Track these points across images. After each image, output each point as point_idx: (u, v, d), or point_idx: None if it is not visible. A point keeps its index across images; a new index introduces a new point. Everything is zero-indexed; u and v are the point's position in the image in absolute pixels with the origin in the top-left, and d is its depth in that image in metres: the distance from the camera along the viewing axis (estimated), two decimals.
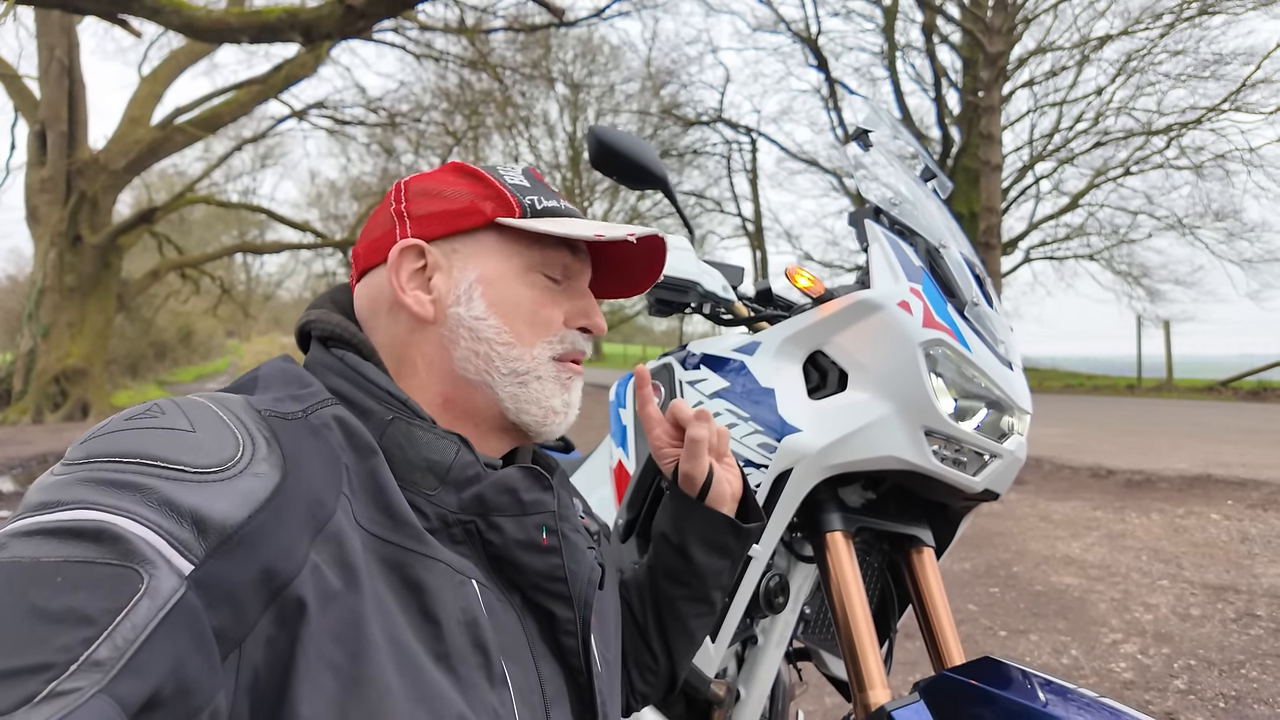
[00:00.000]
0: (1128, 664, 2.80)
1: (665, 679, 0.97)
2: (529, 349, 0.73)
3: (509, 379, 0.72)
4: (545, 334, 0.74)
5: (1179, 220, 18.88)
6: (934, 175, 1.40)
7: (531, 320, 0.73)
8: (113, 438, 0.51)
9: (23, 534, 0.44)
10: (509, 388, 0.72)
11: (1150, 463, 6.41)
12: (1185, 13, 16.11)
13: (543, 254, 0.74)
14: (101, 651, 0.40)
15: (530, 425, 0.74)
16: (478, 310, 0.71)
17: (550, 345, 0.74)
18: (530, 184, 0.76)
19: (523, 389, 0.72)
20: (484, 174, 0.75)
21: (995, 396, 1.13)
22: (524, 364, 0.72)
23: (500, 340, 0.71)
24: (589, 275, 0.81)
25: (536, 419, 0.74)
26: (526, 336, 0.73)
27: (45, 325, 15.39)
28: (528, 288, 0.74)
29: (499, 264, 0.73)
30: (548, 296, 0.75)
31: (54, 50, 15.50)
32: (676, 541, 0.92)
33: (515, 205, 0.73)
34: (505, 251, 0.73)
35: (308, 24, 11.41)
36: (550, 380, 0.74)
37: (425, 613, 0.58)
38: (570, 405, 0.77)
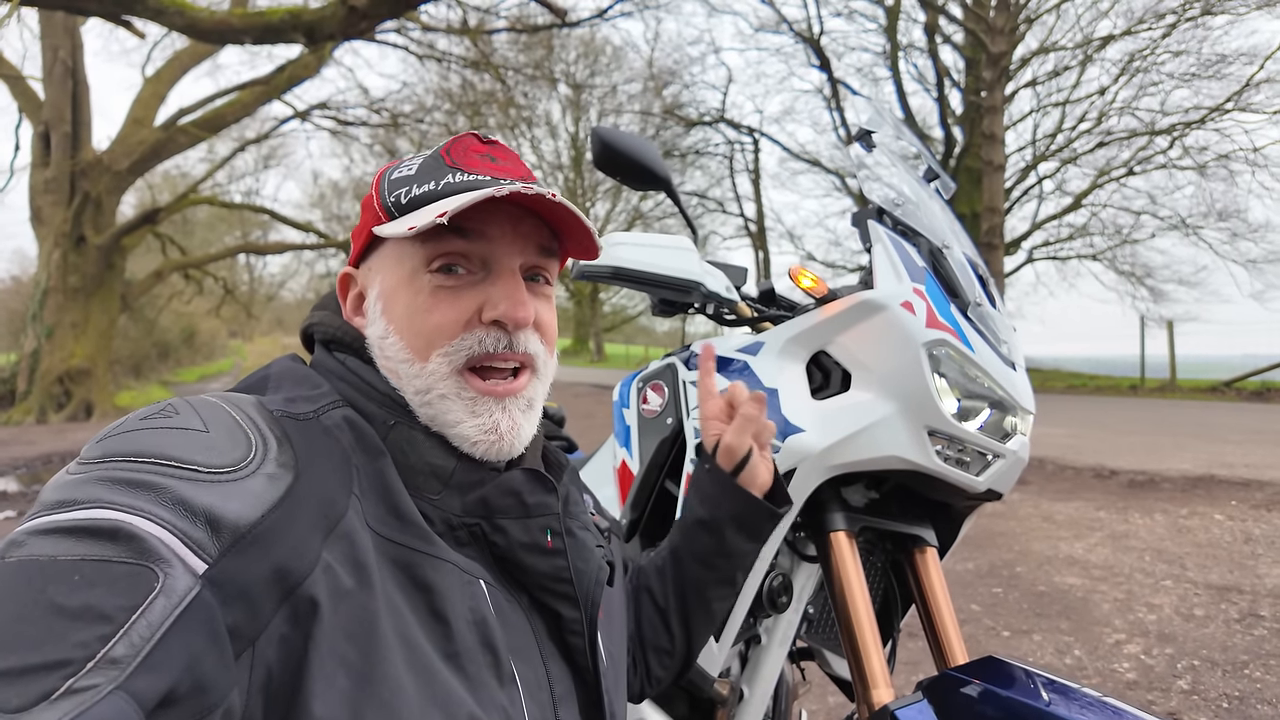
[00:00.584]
0: (1131, 664, 2.80)
1: (680, 660, 0.97)
2: (424, 364, 0.65)
3: (417, 399, 0.66)
4: (439, 342, 0.65)
5: (1182, 220, 18.85)
6: (937, 176, 1.40)
7: (423, 330, 0.65)
8: (127, 437, 0.52)
9: (40, 532, 0.44)
10: (422, 409, 0.66)
11: (1153, 463, 6.40)
12: (1188, 13, 16.11)
13: (425, 250, 0.66)
14: (118, 649, 0.41)
15: (463, 450, 0.66)
16: (379, 328, 0.68)
17: (448, 356, 0.65)
18: (418, 170, 0.68)
19: (430, 410, 0.65)
20: (376, 178, 0.71)
21: (998, 397, 1.13)
22: (422, 380, 0.65)
23: (400, 358, 0.66)
24: (511, 253, 0.68)
25: (458, 445, 0.66)
26: (421, 350, 0.65)
27: (49, 326, 15.42)
28: (416, 293, 0.66)
29: (392, 274, 0.68)
30: (439, 298, 0.66)
31: (58, 51, 15.54)
32: (710, 520, 0.92)
33: (380, 210, 0.68)
34: (397, 258, 0.68)
35: (311, 25, 11.44)
36: (454, 400, 0.65)
37: (435, 612, 0.59)
38: (494, 431, 0.66)
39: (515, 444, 0.68)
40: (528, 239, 0.69)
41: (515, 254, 0.68)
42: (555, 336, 0.74)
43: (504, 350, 0.67)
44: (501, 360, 0.67)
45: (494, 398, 0.67)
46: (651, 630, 0.94)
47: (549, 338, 0.72)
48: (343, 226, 28.88)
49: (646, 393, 1.38)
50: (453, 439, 0.66)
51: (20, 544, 0.44)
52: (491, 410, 0.66)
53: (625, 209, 35.09)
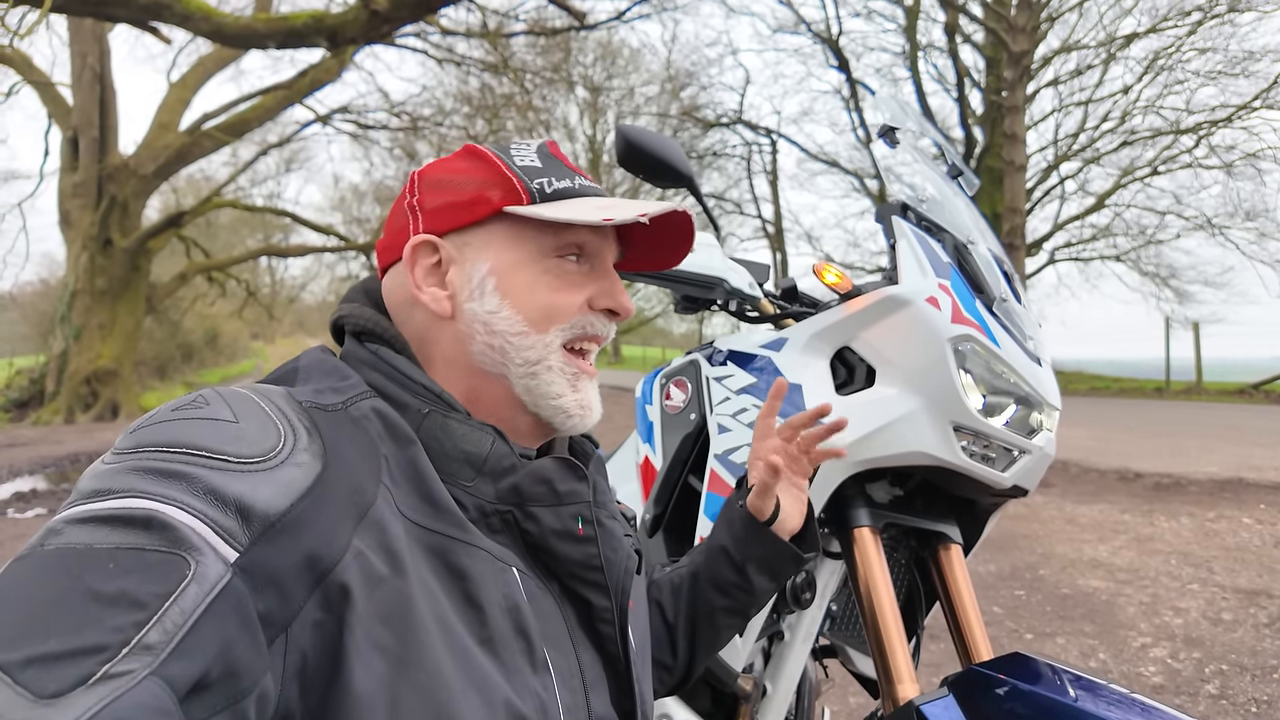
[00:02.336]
0: (1157, 668, 2.76)
1: (678, 678, 0.98)
2: (542, 336, 0.70)
3: (522, 369, 0.70)
4: (560, 319, 0.71)
5: (1208, 220, 18.52)
6: (960, 172, 1.39)
7: (546, 308, 0.71)
8: (160, 428, 0.53)
9: (77, 520, 0.46)
10: (522, 380, 0.70)
11: (1179, 466, 6.31)
12: (1214, 9, 15.84)
13: (556, 237, 0.71)
14: (152, 635, 0.42)
15: (548, 420, 0.72)
16: (491, 304, 0.70)
17: (563, 331, 0.71)
18: (543, 163, 0.73)
19: (534, 380, 0.70)
20: (492, 157, 0.73)
21: (1024, 392, 1.13)
22: (535, 352, 0.70)
23: (514, 331, 0.70)
24: (613, 252, 0.77)
25: (551, 415, 0.71)
26: (540, 324, 0.70)
27: (77, 327, 15.70)
28: (542, 273, 0.71)
29: (511, 253, 0.71)
30: (564, 281, 0.72)
31: (86, 58, 15.84)
32: (737, 559, 0.95)
33: (523, 191, 0.70)
34: (517, 239, 0.71)
35: (333, 29, 11.57)
36: (558, 373, 0.71)
37: (469, 598, 0.59)
38: (586, 407, 0.73)
39: (596, 419, 0.75)
40: (615, 245, 0.78)
41: (612, 254, 0.77)
42: None
43: (605, 334, 0.75)
44: (599, 342, 0.75)
45: (587, 376, 0.74)
46: (656, 645, 0.94)
47: None
48: (363, 229, 29.07)
49: (670, 389, 1.39)
50: (545, 410, 0.71)
51: (58, 532, 0.45)
52: (585, 386, 0.74)
53: None
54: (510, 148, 0.75)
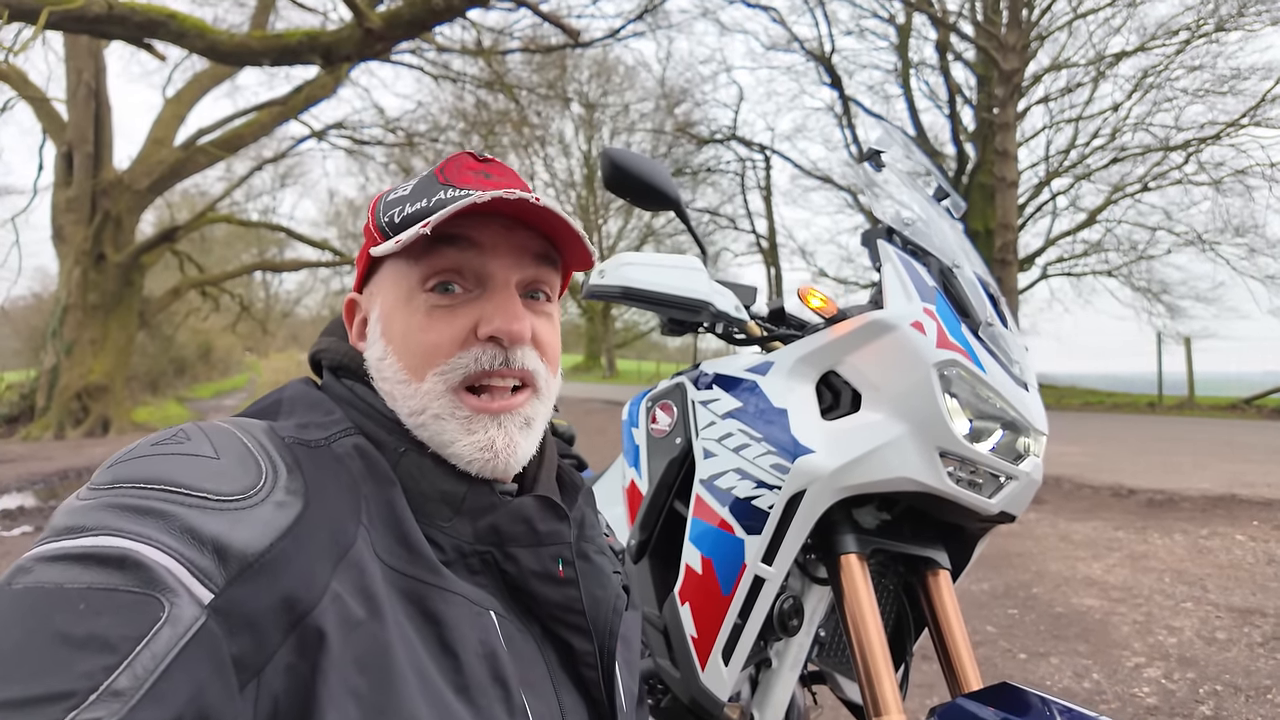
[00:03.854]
0: (1151, 688, 2.74)
1: None
2: (419, 385, 0.64)
3: (413, 421, 0.65)
4: (434, 362, 0.64)
5: (1199, 236, 18.67)
6: (947, 194, 1.40)
7: (418, 350, 0.65)
8: (138, 463, 0.52)
9: (48, 559, 0.44)
10: (418, 431, 0.65)
11: (1173, 482, 6.31)
12: (1202, 29, 16.05)
13: (420, 268, 0.65)
14: (122, 680, 0.40)
15: (462, 468, 0.65)
16: (378, 350, 0.68)
17: (444, 375, 0.64)
18: (412, 190, 0.68)
19: (426, 431, 0.65)
20: (372, 203, 0.72)
21: (1010, 417, 1.12)
22: (417, 401, 0.65)
23: (397, 379, 0.66)
24: (507, 267, 0.67)
25: (456, 463, 0.65)
26: (417, 370, 0.65)
27: (69, 342, 15.63)
28: (411, 314, 0.66)
29: (390, 296, 0.68)
30: (434, 317, 0.65)
31: (82, 74, 15.88)
32: None
33: (375, 231, 0.68)
34: (394, 280, 0.68)
35: (328, 46, 11.63)
36: (448, 419, 0.64)
37: (444, 645, 0.58)
38: (488, 449, 0.64)
39: (511, 462, 0.66)
40: (522, 249, 0.68)
41: (510, 266, 0.67)
42: (558, 355, 0.72)
43: (500, 367, 0.65)
44: (499, 377, 0.66)
45: (489, 414, 0.65)
46: None
47: (550, 355, 0.70)
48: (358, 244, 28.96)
49: (655, 412, 1.38)
50: (449, 459, 0.65)
51: (27, 570, 0.44)
52: (487, 427, 0.65)
53: (637, 226, 35.28)
54: (399, 184, 0.72)
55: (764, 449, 1.15)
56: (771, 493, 1.12)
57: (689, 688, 1.18)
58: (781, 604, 1.20)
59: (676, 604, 1.21)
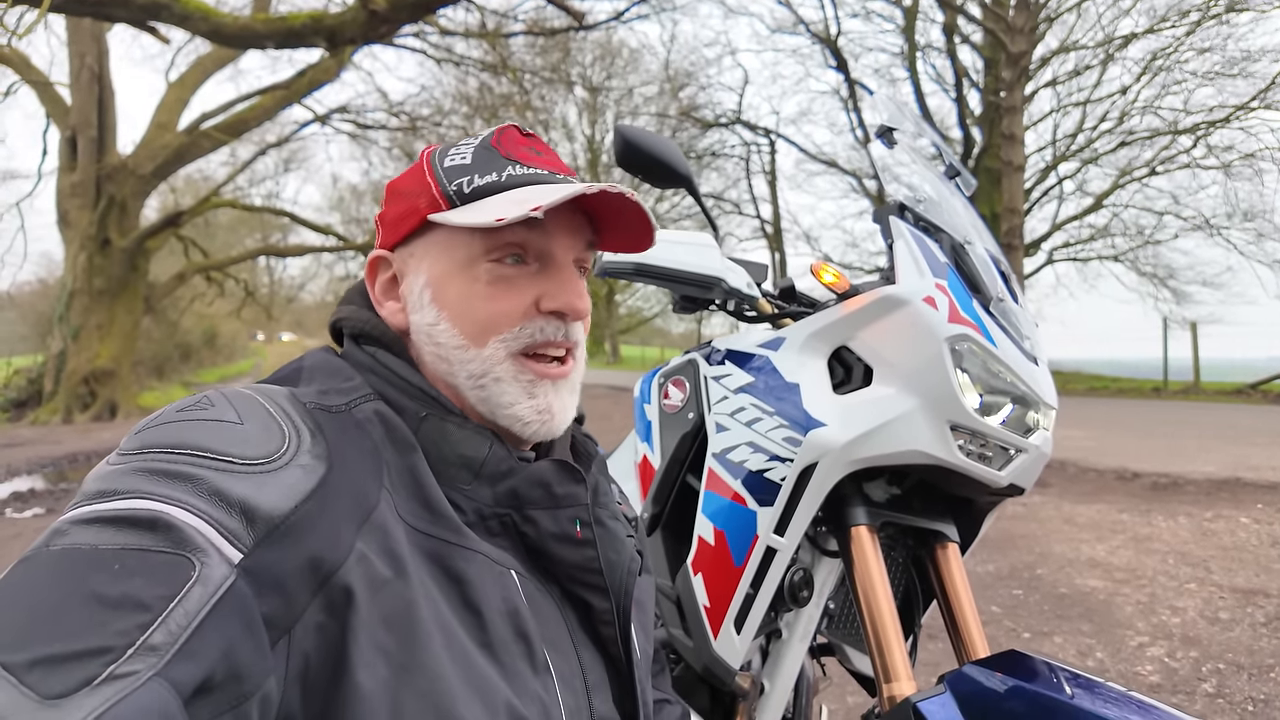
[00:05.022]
0: (1154, 667, 2.77)
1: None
2: (480, 350, 0.67)
3: (469, 383, 0.68)
4: (499, 330, 0.67)
5: (1206, 220, 18.57)
6: (958, 172, 1.40)
7: (481, 317, 0.67)
8: (165, 429, 0.53)
9: (82, 521, 0.46)
10: (473, 392, 0.68)
11: (1177, 465, 6.32)
12: (1212, 10, 15.86)
13: (486, 240, 0.67)
14: (156, 636, 0.42)
15: (509, 429, 0.69)
16: (430, 316, 0.69)
17: (506, 342, 0.67)
18: (473, 159, 0.69)
19: (484, 392, 0.67)
20: (423, 163, 0.71)
21: (1021, 392, 1.13)
22: (478, 365, 0.67)
23: (454, 344, 0.67)
24: (571, 245, 0.71)
25: (509, 424, 0.68)
26: (478, 338, 0.67)
27: (75, 327, 15.69)
28: (472, 282, 0.68)
29: (443, 262, 0.69)
30: (498, 287, 0.68)
31: (85, 58, 15.82)
32: None
33: (439, 197, 0.68)
34: (448, 246, 0.69)
35: (332, 29, 11.57)
36: (510, 382, 0.67)
37: (467, 603, 0.59)
38: (545, 413, 0.69)
39: (562, 423, 0.71)
40: (578, 234, 0.72)
41: (569, 247, 0.71)
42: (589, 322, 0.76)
43: (560, 339, 0.70)
44: (556, 348, 0.70)
45: (549, 380, 0.70)
46: None
47: (588, 325, 0.75)
48: (361, 229, 29.08)
49: (668, 388, 1.39)
50: (504, 419, 0.68)
51: (63, 533, 0.45)
52: (546, 392, 0.69)
53: None
54: (450, 148, 0.72)
55: (776, 423, 1.17)
56: (783, 465, 1.14)
57: (701, 656, 1.20)
58: (792, 576, 1.22)
59: (689, 575, 1.23)
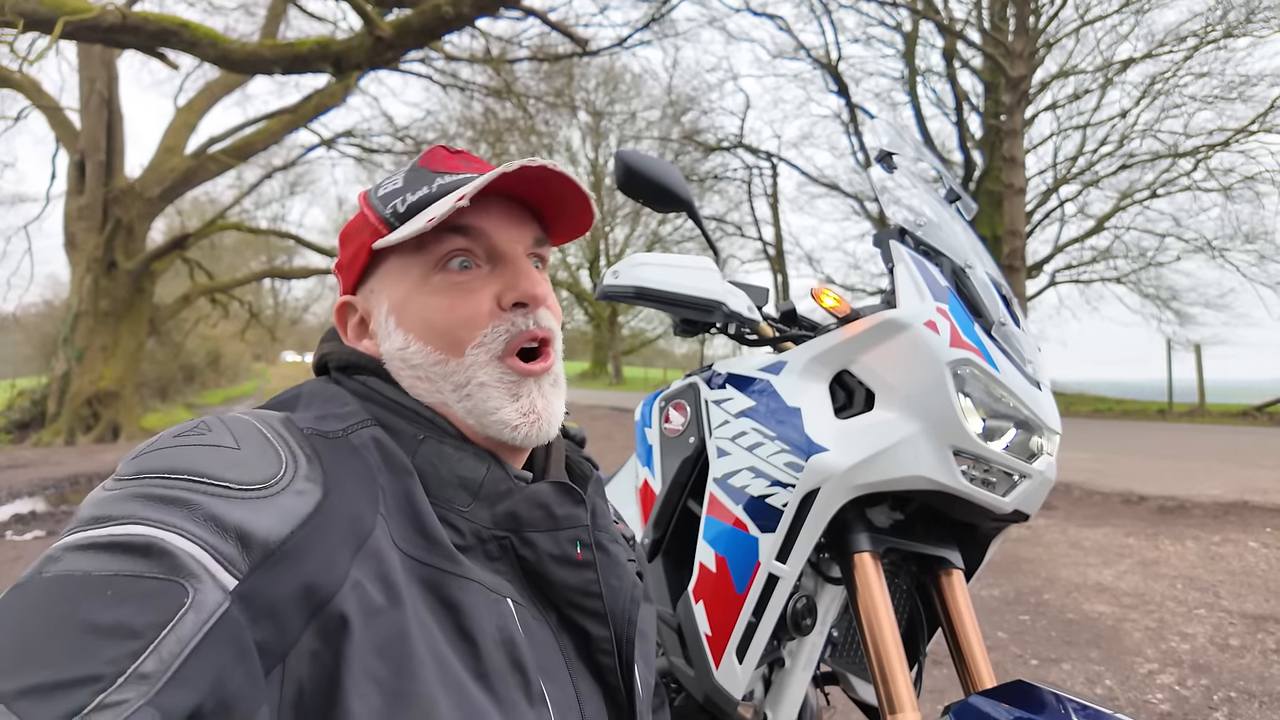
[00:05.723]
0: (1165, 695, 2.73)
1: None
2: (460, 359, 0.67)
3: (456, 395, 0.68)
4: (472, 334, 0.67)
5: (1208, 243, 18.59)
6: (958, 196, 1.40)
7: (447, 328, 0.68)
8: (162, 454, 0.53)
9: (76, 547, 0.45)
10: (461, 403, 0.68)
11: (1184, 489, 6.27)
12: (1210, 35, 16.01)
13: (430, 251, 0.68)
14: (148, 664, 0.41)
15: (496, 437, 0.68)
16: (398, 341, 0.69)
17: (484, 346, 0.67)
18: (404, 181, 0.71)
19: (470, 402, 0.67)
20: (361, 202, 0.73)
21: (1024, 416, 1.12)
22: (460, 375, 0.67)
23: (431, 361, 0.68)
24: (512, 240, 0.71)
25: (498, 432, 0.68)
26: (453, 348, 0.68)
27: (80, 349, 15.74)
28: (429, 296, 0.68)
29: (398, 286, 0.70)
30: (455, 295, 0.68)
31: (94, 83, 16.05)
32: None
33: (379, 223, 0.70)
34: (399, 271, 0.70)
35: (338, 55, 11.73)
36: (494, 386, 0.67)
37: (462, 632, 0.58)
38: (532, 413, 0.68)
39: (551, 425, 0.70)
40: (524, 228, 0.72)
41: (515, 240, 0.71)
42: (560, 313, 0.76)
43: (532, 327, 0.69)
44: (535, 339, 0.70)
45: (532, 378, 0.69)
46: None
47: (557, 314, 0.74)
48: None
49: (669, 412, 1.39)
50: (492, 427, 0.67)
51: (56, 559, 0.45)
52: (530, 391, 0.69)
53: (644, 233, 35.35)
54: (384, 181, 0.74)
55: (778, 447, 1.16)
56: (785, 491, 1.13)
57: (703, 686, 1.18)
58: (795, 603, 1.20)
59: (690, 602, 1.21)
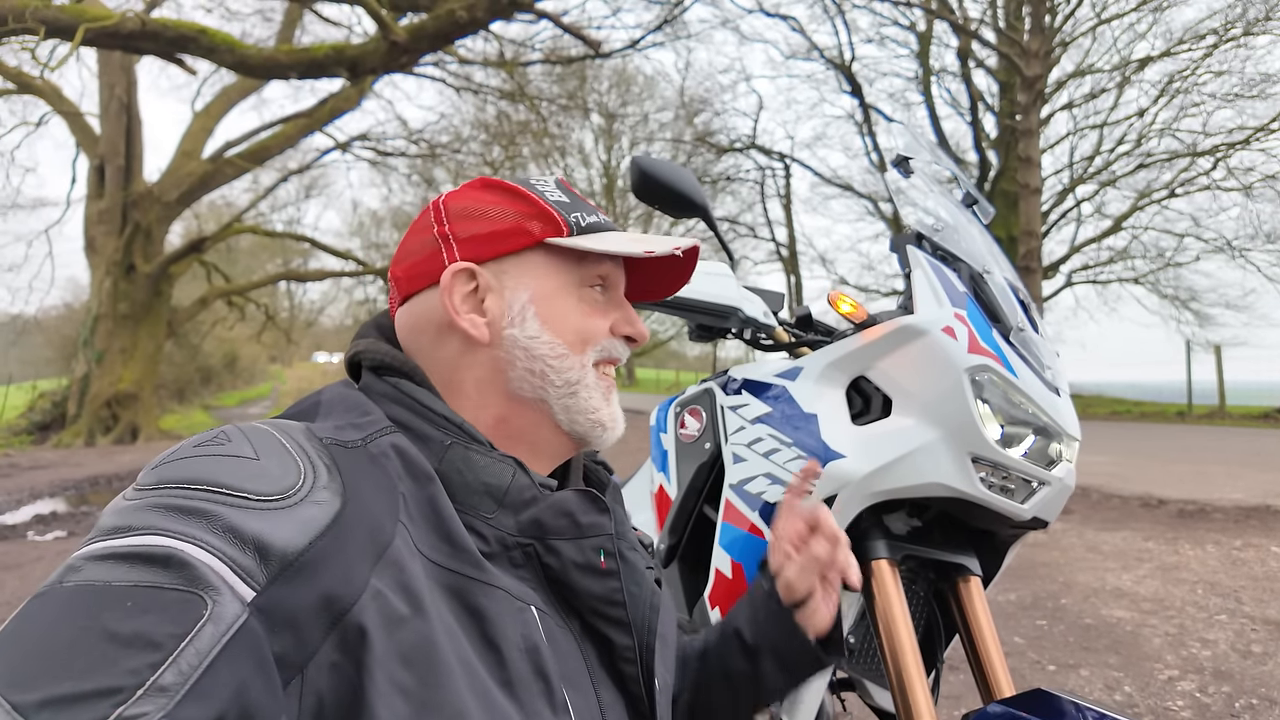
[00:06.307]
0: (1185, 702, 2.69)
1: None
2: (580, 357, 0.75)
3: (562, 390, 0.73)
4: (593, 342, 0.76)
5: (1228, 243, 18.36)
6: (975, 200, 1.39)
7: (581, 331, 0.75)
8: (181, 464, 0.53)
9: (96, 557, 0.46)
10: (561, 399, 0.73)
11: (1204, 492, 6.19)
12: (1229, 33, 15.82)
13: (587, 268, 0.76)
14: (167, 676, 0.42)
15: (583, 435, 0.75)
16: (532, 329, 0.73)
17: (595, 353, 0.76)
18: (569, 199, 0.78)
19: (573, 399, 0.73)
20: (524, 191, 0.75)
21: (1043, 423, 1.11)
22: (574, 373, 0.74)
23: (554, 355, 0.73)
24: (624, 282, 0.83)
25: (586, 429, 0.75)
26: (577, 346, 0.75)
27: (99, 351, 15.94)
28: (577, 302, 0.76)
29: (549, 282, 0.74)
30: (594, 308, 0.77)
31: (114, 89, 16.26)
32: (751, 644, 0.90)
33: (563, 224, 0.74)
34: (554, 268, 0.75)
35: (353, 60, 11.82)
36: (593, 389, 0.75)
37: (487, 640, 0.59)
38: (616, 419, 0.78)
39: (623, 428, 0.80)
40: (624, 276, 0.83)
41: (624, 286, 0.83)
42: None
43: (619, 356, 0.80)
44: (615, 365, 0.81)
45: (613, 390, 0.80)
46: None
47: None
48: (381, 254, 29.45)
49: (684, 417, 1.39)
50: (581, 424, 0.75)
51: (77, 569, 0.45)
52: (614, 399, 0.79)
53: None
54: (534, 182, 0.79)
55: (794, 454, 1.16)
56: None
57: None
58: None
59: (706, 608, 1.21)
